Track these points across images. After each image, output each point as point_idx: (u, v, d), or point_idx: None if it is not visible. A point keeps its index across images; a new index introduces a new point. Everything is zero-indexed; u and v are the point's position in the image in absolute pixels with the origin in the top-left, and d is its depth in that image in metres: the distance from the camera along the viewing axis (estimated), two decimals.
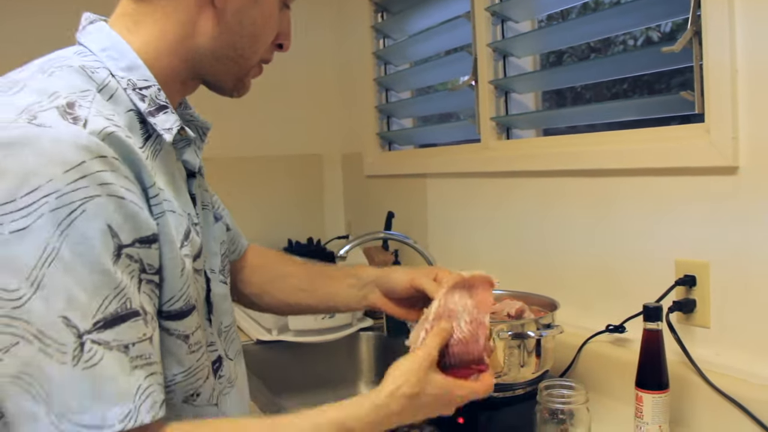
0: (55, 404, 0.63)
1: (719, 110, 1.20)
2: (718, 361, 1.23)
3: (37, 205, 0.64)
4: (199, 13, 0.83)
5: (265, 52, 0.92)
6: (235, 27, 0.85)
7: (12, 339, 0.63)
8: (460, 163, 1.95)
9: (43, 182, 0.64)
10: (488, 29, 1.83)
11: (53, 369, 0.63)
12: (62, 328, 0.63)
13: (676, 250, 1.31)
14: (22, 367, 0.63)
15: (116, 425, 0.64)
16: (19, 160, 0.65)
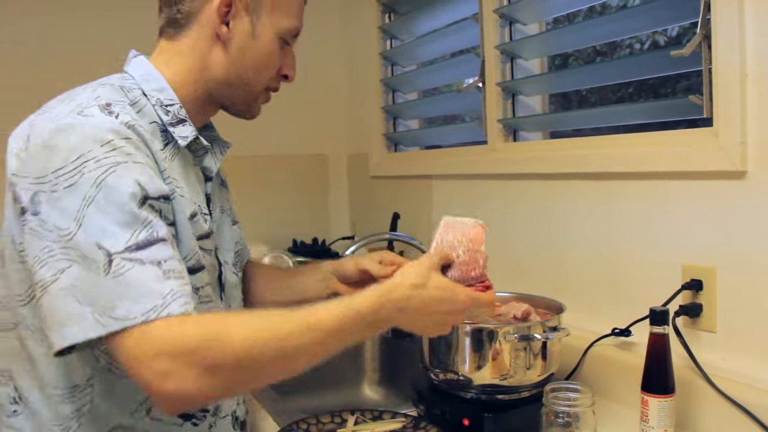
0: (96, 305, 0.83)
1: (728, 114, 1.20)
2: (725, 366, 1.23)
3: (81, 168, 0.87)
4: (211, 50, 1.06)
5: (271, 81, 1.13)
6: (239, 60, 1.07)
7: (67, 263, 0.85)
8: (467, 164, 1.95)
9: (85, 152, 0.88)
10: (496, 31, 1.83)
11: (92, 279, 0.83)
12: (96, 251, 0.84)
13: (683, 254, 1.31)
14: (73, 281, 0.84)
15: (138, 317, 0.82)
16: (67, 139, 0.89)
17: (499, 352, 1.27)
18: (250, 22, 1.06)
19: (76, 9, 2.32)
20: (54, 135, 0.90)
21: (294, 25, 1.10)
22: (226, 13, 1.04)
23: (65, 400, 0.99)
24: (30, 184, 0.89)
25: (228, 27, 1.05)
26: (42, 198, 0.88)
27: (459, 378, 1.30)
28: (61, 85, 1.07)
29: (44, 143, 0.90)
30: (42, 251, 0.86)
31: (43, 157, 0.89)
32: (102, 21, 2.34)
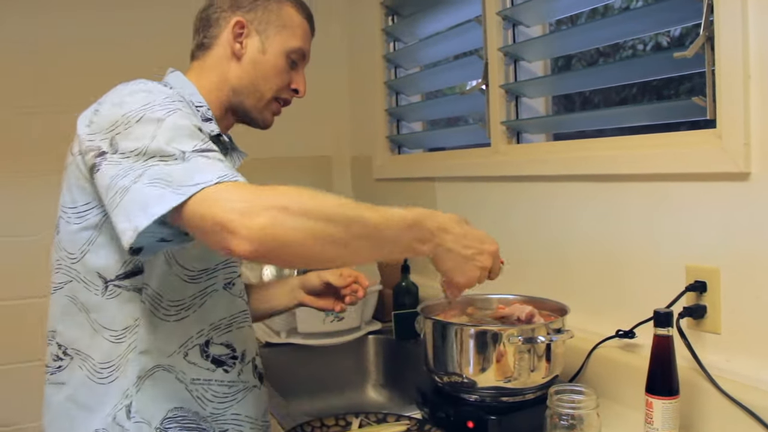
0: (174, 184, 0.94)
1: (731, 116, 1.20)
2: (729, 368, 1.23)
3: (149, 108, 1.04)
4: (230, 64, 1.28)
5: (282, 92, 1.32)
6: (251, 71, 1.29)
7: (146, 167, 0.98)
8: (470, 167, 1.95)
9: (151, 101, 1.05)
10: (499, 33, 1.83)
11: (170, 168, 0.96)
12: (172, 149, 0.98)
13: (687, 256, 1.31)
14: (153, 175, 0.96)
15: (213, 180, 0.93)
16: (136, 97, 1.07)
17: (503, 354, 1.27)
18: (260, 41, 1.28)
19: (78, 10, 2.33)
20: (123, 96, 1.08)
21: (298, 45, 1.31)
22: (240, 34, 1.27)
23: (119, 340, 1.15)
24: (106, 134, 1.04)
25: (242, 45, 1.28)
26: (118, 138, 1.02)
27: (463, 380, 1.30)
28: (68, 81, 1.26)
29: (114, 103, 1.07)
30: (122, 170, 0.99)
31: (114, 112, 1.06)
32: (101, 22, 2.36)
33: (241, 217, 0.89)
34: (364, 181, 2.65)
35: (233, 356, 1.26)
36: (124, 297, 1.15)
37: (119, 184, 0.98)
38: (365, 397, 2.02)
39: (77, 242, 1.15)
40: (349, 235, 0.97)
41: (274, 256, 0.94)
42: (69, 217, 1.16)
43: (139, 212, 0.95)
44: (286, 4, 1.31)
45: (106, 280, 1.15)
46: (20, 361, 2.29)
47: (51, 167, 2.30)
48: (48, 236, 1.24)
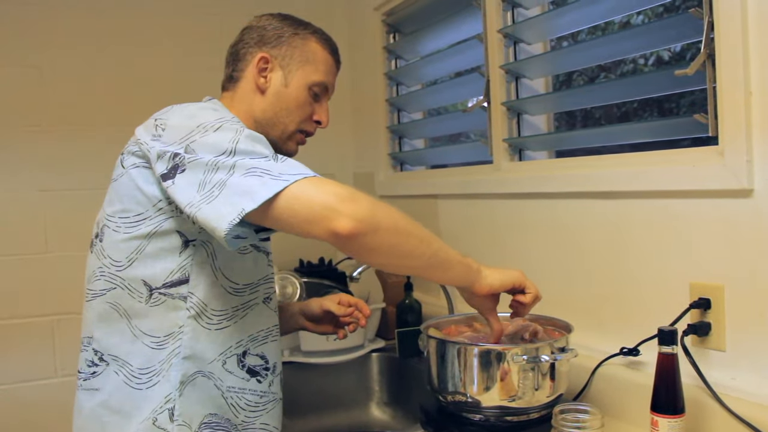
0: (272, 173, 1.06)
1: (733, 133, 1.20)
2: (735, 385, 1.22)
3: (223, 122, 1.15)
4: (254, 96, 1.36)
5: (304, 124, 1.39)
6: (275, 102, 1.35)
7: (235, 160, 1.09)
8: (472, 184, 1.95)
9: (222, 116, 1.17)
10: (500, 51, 1.84)
11: (261, 162, 1.08)
12: (259, 150, 1.11)
13: (691, 273, 1.31)
14: (248, 166, 1.08)
15: (309, 173, 1.08)
16: (205, 113, 1.19)
17: (507, 373, 1.26)
18: (283, 75, 1.35)
19: (85, 41, 2.35)
20: (192, 111, 1.19)
21: (320, 79, 1.37)
22: (264, 69, 1.35)
23: (160, 346, 1.20)
24: (181, 142, 1.13)
25: (266, 79, 1.35)
26: (195, 144, 1.11)
27: (467, 400, 1.30)
28: (70, 100, 1.28)
29: (185, 116, 1.18)
30: (206, 171, 1.08)
31: (187, 123, 1.15)
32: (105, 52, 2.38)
33: (347, 201, 1.03)
34: None
35: (266, 367, 1.32)
36: (168, 305, 1.20)
37: (213, 179, 1.07)
38: (369, 415, 2.01)
39: (125, 250, 1.21)
40: (418, 245, 1.14)
41: (369, 240, 1.05)
42: (118, 225, 1.22)
43: (242, 197, 1.04)
44: (311, 39, 1.38)
45: (151, 288, 1.20)
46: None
47: (58, 184, 2.32)
48: (56, 253, 1.26)
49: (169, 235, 1.20)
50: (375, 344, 2.10)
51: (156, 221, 1.19)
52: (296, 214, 1.04)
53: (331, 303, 1.58)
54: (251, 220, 1.06)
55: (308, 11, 2.64)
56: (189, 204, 1.09)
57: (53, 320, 2.31)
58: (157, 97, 1.25)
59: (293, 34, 1.37)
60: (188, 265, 1.21)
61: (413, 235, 1.13)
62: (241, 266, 1.28)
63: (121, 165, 1.24)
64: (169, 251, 1.20)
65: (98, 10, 2.38)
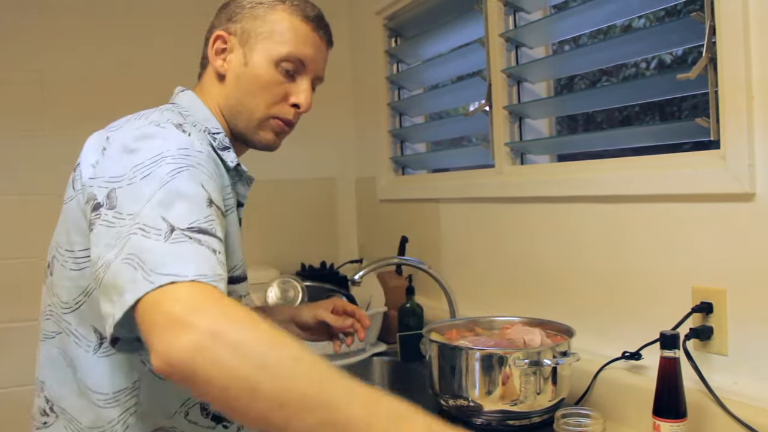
0: (147, 265, 0.80)
1: (735, 137, 1.20)
2: (737, 390, 1.22)
3: (159, 160, 0.91)
4: (217, 83, 1.17)
5: (277, 109, 1.17)
6: (236, 86, 1.15)
7: (128, 238, 0.84)
8: (474, 188, 1.95)
9: (163, 150, 0.93)
10: (502, 55, 1.84)
11: (148, 244, 0.82)
12: (160, 222, 0.85)
13: (693, 277, 1.31)
14: (131, 250, 0.83)
15: (189, 276, 0.79)
16: (149, 143, 0.95)
17: (508, 377, 1.26)
18: (243, 53, 1.15)
19: (88, 43, 2.36)
20: (137, 140, 0.96)
21: (289, 51, 1.13)
22: (222, 49, 1.16)
23: (110, 405, 1.03)
24: (106, 182, 0.93)
25: (224, 60, 1.16)
26: (119, 192, 0.91)
27: (469, 404, 1.30)
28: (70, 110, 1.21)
29: (125, 147, 0.96)
30: (113, 237, 0.86)
31: (123, 159, 0.94)
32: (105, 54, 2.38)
33: (169, 332, 0.73)
34: (368, 202, 2.66)
35: None
36: (121, 357, 1.02)
37: (106, 256, 0.85)
38: None
39: (72, 291, 1.03)
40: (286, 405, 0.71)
41: (191, 388, 0.74)
42: (65, 260, 1.03)
43: (116, 298, 0.81)
44: (278, 7, 1.15)
45: (101, 336, 1.02)
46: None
47: (54, 189, 2.32)
48: None
49: None
50: (377, 348, 2.09)
51: None
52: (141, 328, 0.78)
53: (326, 313, 1.43)
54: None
55: None
56: (95, 278, 0.88)
57: None
58: (158, 100, 1.22)
59: (257, 4, 1.15)
60: None
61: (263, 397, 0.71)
62: None
63: (72, 185, 1.04)
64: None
65: (99, 14, 2.38)
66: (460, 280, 1.99)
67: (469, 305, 1.93)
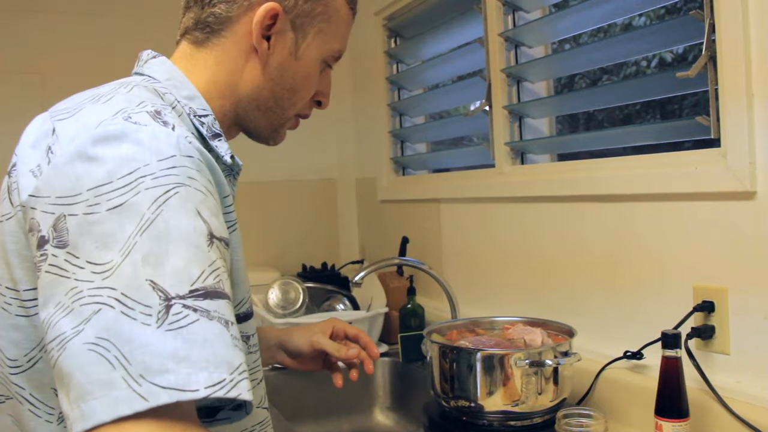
0: (134, 366, 0.58)
1: (735, 135, 1.20)
2: (740, 389, 1.21)
3: (135, 184, 0.66)
4: (246, 64, 0.91)
5: (304, 107, 1.00)
6: (276, 79, 0.93)
7: (95, 307, 0.61)
8: (475, 188, 1.95)
9: (141, 166, 0.67)
10: (502, 55, 1.84)
11: (135, 330, 0.60)
12: (149, 291, 0.62)
13: (694, 276, 1.30)
14: (102, 332, 0.60)
15: (201, 390, 0.59)
16: (116, 149, 0.69)
17: (510, 377, 1.26)
18: (294, 40, 0.93)
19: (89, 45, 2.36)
20: (97, 143, 0.70)
21: (340, 47, 1.00)
22: (269, 26, 0.90)
23: None
24: (52, 206, 0.68)
25: (269, 42, 0.91)
26: (72, 223, 0.66)
27: (470, 404, 1.29)
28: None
29: (80, 152, 0.69)
30: (67, 296, 0.63)
31: (76, 171, 0.68)
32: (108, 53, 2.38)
33: None
34: (368, 202, 2.65)
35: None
36: None
37: (60, 326, 0.62)
38: (373, 420, 2.00)
39: (22, 344, 0.76)
40: None
41: None
42: (8, 302, 0.77)
43: (76, 402, 0.59)
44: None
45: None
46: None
47: None
48: None
49: None
50: (378, 349, 2.09)
51: None
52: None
53: (324, 339, 1.22)
54: None
55: None
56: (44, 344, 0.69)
57: None
58: None
59: None
60: None
61: None
62: None
63: (8, 198, 0.77)
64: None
65: (100, 15, 2.38)
66: (461, 281, 1.99)
67: (471, 305, 1.93)
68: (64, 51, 2.34)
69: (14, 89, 2.28)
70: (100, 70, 2.38)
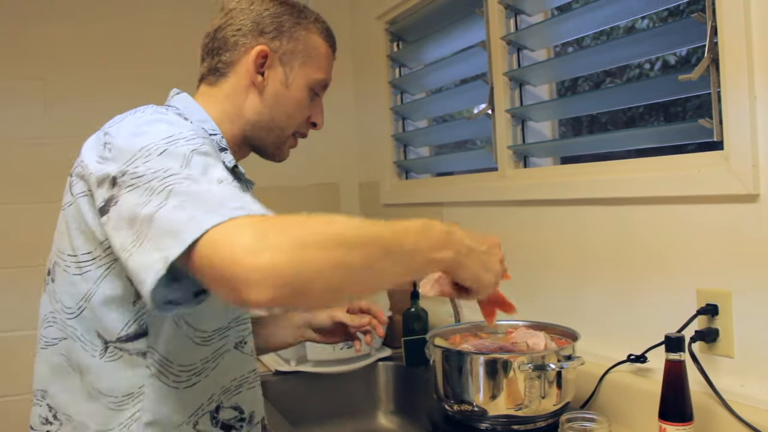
0: (210, 204, 0.81)
1: (738, 138, 1.19)
2: (744, 392, 1.21)
3: (173, 142, 0.92)
4: (248, 95, 1.18)
5: (301, 127, 1.24)
6: (273, 105, 1.19)
7: (170, 188, 0.85)
8: (477, 191, 1.95)
9: (175, 133, 0.94)
10: (504, 58, 1.84)
11: (202, 187, 0.85)
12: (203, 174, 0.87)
13: (697, 279, 1.30)
14: (182, 193, 0.84)
15: (255, 210, 0.81)
16: (155, 127, 0.96)
17: (513, 381, 1.25)
18: (284, 73, 1.18)
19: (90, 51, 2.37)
20: (141, 126, 0.96)
21: (322, 77, 1.22)
22: (261, 64, 1.16)
23: (120, 407, 1.02)
24: (121, 166, 0.91)
25: (263, 76, 1.17)
26: (134, 170, 0.89)
27: (473, 409, 1.29)
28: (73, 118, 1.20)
29: (131, 133, 0.95)
30: (143, 196, 0.86)
31: (131, 143, 0.93)
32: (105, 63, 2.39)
33: (253, 258, 0.74)
34: (372, 207, 2.65)
35: (241, 418, 1.15)
36: (126, 361, 1.02)
37: (142, 213, 0.84)
38: (376, 424, 2.00)
39: (74, 296, 1.02)
40: (371, 257, 0.82)
41: (298, 302, 0.79)
42: (67, 265, 1.03)
43: (169, 240, 0.79)
44: (314, 31, 1.21)
45: (106, 341, 1.01)
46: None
47: (58, 197, 2.33)
48: None
49: (120, 280, 0.99)
50: (381, 353, 2.09)
51: (105, 262, 0.99)
52: (205, 272, 0.78)
53: (342, 313, 1.47)
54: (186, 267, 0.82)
55: None
56: (122, 248, 0.87)
57: None
58: None
59: (295, 24, 1.19)
60: (146, 316, 1.01)
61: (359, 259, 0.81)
62: (207, 310, 1.00)
63: (69, 191, 1.04)
64: (122, 299, 1.00)
65: (102, 21, 2.39)
66: None
67: (474, 309, 1.91)
68: (67, 57, 2.35)
69: (17, 94, 2.29)
70: (102, 76, 2.40)
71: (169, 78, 2.43)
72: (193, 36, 1.41)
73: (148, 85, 2.40)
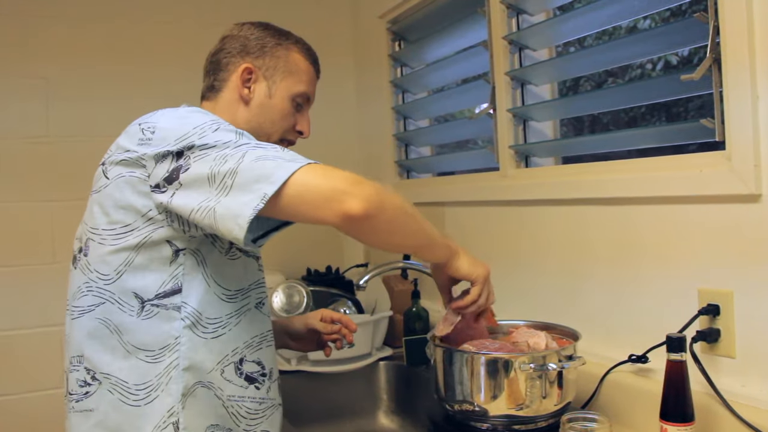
0: (283, 158, 1.08)
1: (740, 138, 1.19)
2: (745, 393, 1.21)
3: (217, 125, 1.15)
4: (238, 107, 1.36)
5: (287, 134, 1.41)
6: (260, 114, 1.36)
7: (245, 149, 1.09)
8: (479, 191, 1.95)
9: (217, 119, 1.17)
10: (506, 57, 1.84)
11: (272, 152, 1.09)
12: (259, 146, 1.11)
13: (699, 279, 1.30)
14: (258, 154, 1.08)
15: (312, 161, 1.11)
16: (197, 115, 1.18)
17: (514, 381, 1.25)
18: (267, 86, 1.36)
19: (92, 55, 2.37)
20: (184, 114, 1.18)
21: (303, 89, 1.38)
22: (248, 79, 1.35)
23: (156, 360, 1.17)
24: (177, 143, 1.12)
25: (250, 90, 1.35)
26: (195, 141, 1.11)
27: (474, 408, 1.29)
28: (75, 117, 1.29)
29: (179, 117, 1.17)
30: (216, 159, 1.08)
31: (180, 125, 1.14)
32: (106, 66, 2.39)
33: (355, 184, 1.07)
34: None
35: (263, 373, 1.30)
36: (162, 316, 1.18)
37: (222, 169, 1.07)
38: (377, 424, 2.00)
39: (113, 263, 1.18)
40: (416, 223, 1.21)
41: (378, 220, 1.09)
42: (103, 238, 1.19)
43: (260, 182, 1.04)
44: (293, 50, 1.38)
45: (143, 300, 1.18)
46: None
47: (59, 196, 2.33)
48: (64, 263, 1.25)
49: (159, 245, 1.17)
50: (382, 352, 2.09)
51: (145, 231, 1.17)
52: (304, 200, 1.06)
53: (315, 321, 1.60)
54: (264, 213, 1.06)
55: (313, 20, 2.65)
56: (198, 207, 1.08)
57: (60, 330, 2.31)
58: (162, 106, 1.24)
59: (276, 45, 1.37)
60: (180, 275, 1.19)
61: (412, 216, 1.19)
62: (231, 272, 1.25)
63: (104, 176, 1.21)
64: (160, 261, 1.18)
65: (103, 21, 2.39)
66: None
67: None
68: (69, 56, 2.35)
69: (19, 93, 2.29)
70: (104, 75, 2.40)
71: (169, 77, 2.44)
72: (194, 35, 1.42)
73: (150, 84, 2.40)
